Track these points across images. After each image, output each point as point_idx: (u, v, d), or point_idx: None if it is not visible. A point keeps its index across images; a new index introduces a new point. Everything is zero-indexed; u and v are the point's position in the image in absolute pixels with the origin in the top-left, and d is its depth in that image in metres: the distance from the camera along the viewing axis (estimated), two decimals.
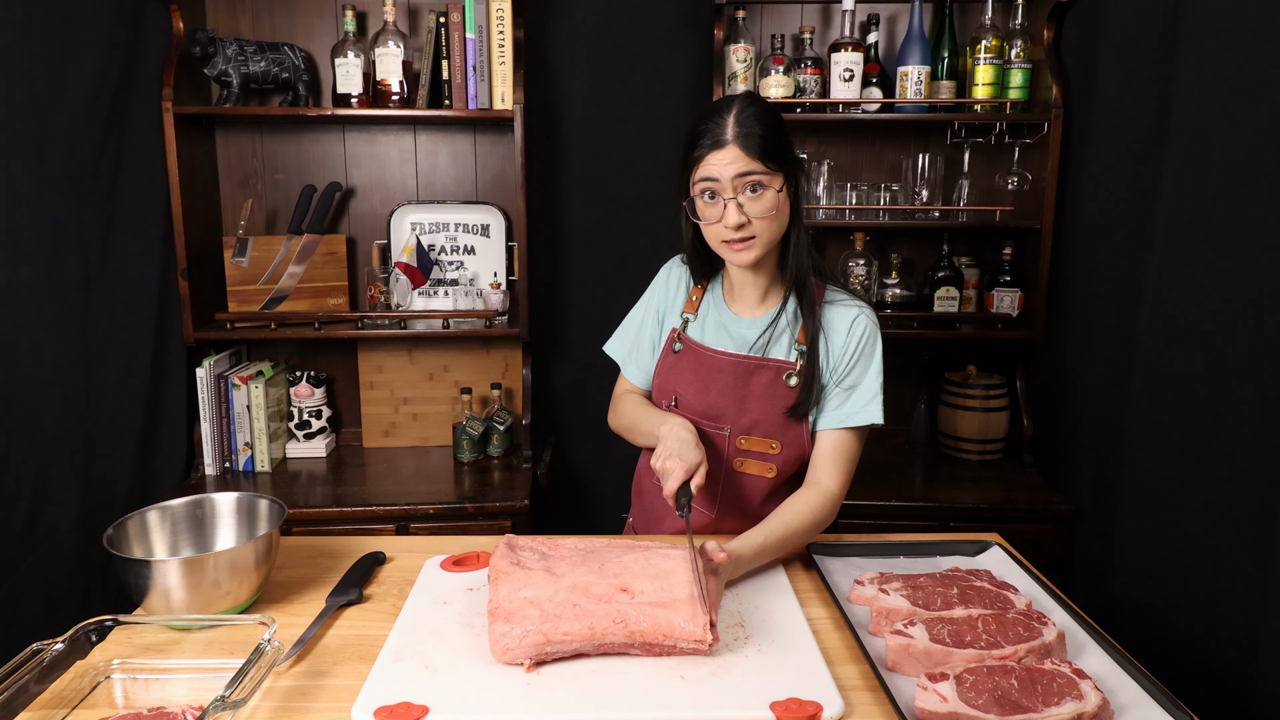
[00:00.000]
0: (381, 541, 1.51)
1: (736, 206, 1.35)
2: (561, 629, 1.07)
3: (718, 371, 1.47)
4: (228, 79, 2.26)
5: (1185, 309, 1.69)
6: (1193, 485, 1.65)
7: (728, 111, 1.35)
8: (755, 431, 1.46)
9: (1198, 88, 1.67)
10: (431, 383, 2.55)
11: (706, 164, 1.35)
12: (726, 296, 1.54)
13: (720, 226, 1.37)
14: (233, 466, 2.37)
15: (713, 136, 1.34)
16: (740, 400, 1.46)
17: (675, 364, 1.52)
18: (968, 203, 2.40)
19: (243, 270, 2.33)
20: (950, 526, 2.16)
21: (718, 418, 1.47)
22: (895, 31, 2.47)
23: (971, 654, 1.07)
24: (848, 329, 1.45)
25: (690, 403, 1.49)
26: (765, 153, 1.33)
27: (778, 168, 1.35)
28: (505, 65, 2.26)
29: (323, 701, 1.04)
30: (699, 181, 1.36)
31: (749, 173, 1.33)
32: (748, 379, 1.46)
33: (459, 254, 2.51)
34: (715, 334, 1.50)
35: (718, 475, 1.48)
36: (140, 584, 1.16)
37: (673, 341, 1.54)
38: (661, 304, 1.59)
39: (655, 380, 1.56)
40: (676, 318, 1.56)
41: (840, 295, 1.49)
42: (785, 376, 1.44)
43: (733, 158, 1.33)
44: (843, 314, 1.46)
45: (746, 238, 1.37)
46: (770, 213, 1.36)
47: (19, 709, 0.98)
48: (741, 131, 1.33)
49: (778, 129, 1.37)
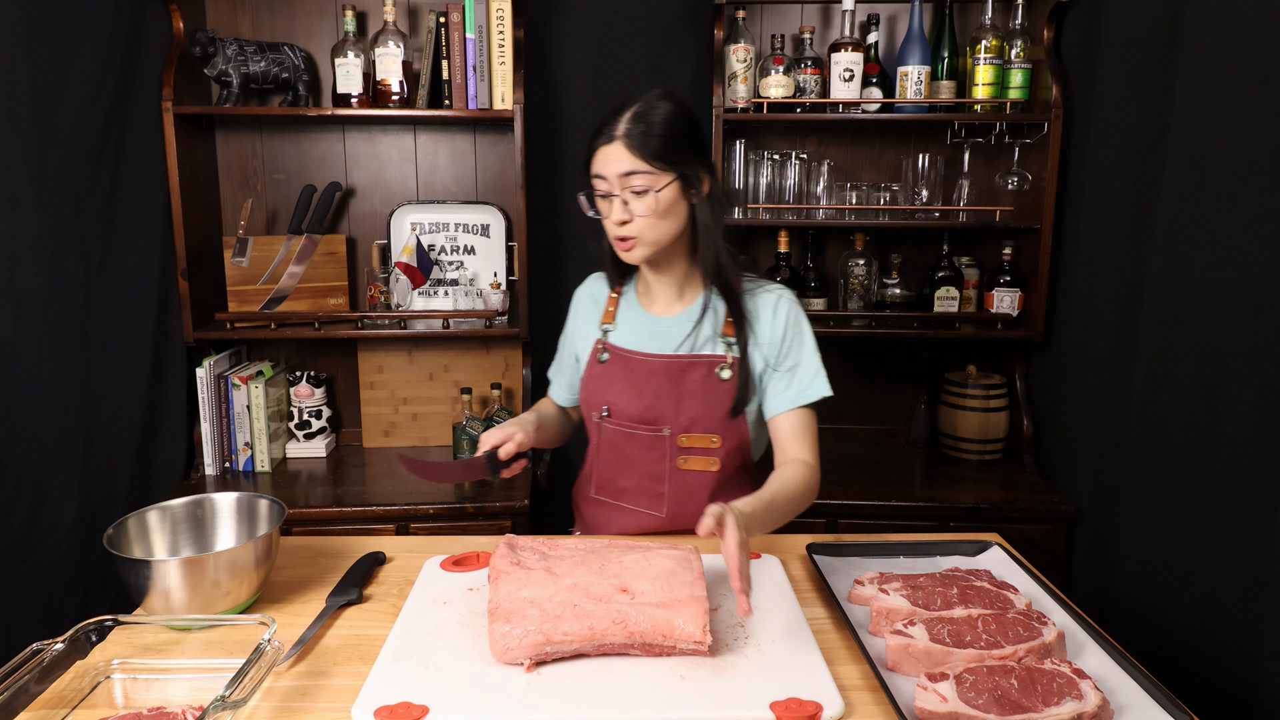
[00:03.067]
0: (381, 541, 1.51)
1: (621, 204, 1.35)
2: (561, 629, 1.07)
3: (650, 374, 1.47)
4: (228, 79, 2.26)
5: (1185, 309, 1.69)
6: (1193, 485, 1.65)
7: (628, 108, 1.36)
8: (695, 428, 1.47)
9: (1198, 88, 1.67)
10: (431, 383, 2.55)
11: (597, 159, 1.36)
12: (643, 299, 1.55)
13: (608, 223, 1.38)
14: (233, 466, 2.37)
15: (605, 131, 1.35)
16: (676, 399, 1.46)
17: (604, 374, 1.52)
18: (968, 203, 2.40)
19: (243, 270, 2.33)
20: (950, 526, 2.16)
21: (655, 420, 1.47)
22: (895, 31, 2.47)
23: (971, 654, 1.07)
24: (772, 313, 1.47)
25: (624, 409, 1.49)
26: (654, 153, 1.33)
27: (667, 168, 1.35)
28: (505, 65, 2.26)
29: (323, 701, 1.04)
30: (592, 177, 1.38)
31: (632, 172, 1.33)
32: (681, 377, 1.46)
33: (459, 254, 2.51)
34: (638, 338, 1.51)
35: (662, 476, 1.49)
36: (140, 584, 1.16)
37: (598, 352, 1.54)
38: (579, 320, 1.61)
39: (584, 394, 1.56)
40: (596, 330, 1.56)
41: (757, 282, 1.51)
42: (718, 370, 1.45)
43: (617, 155, 1.33)
44: (764, 300, 1.48)
45: (630, 236, 1.37)
46: (654, 212, 1.36)
47: (19, 709, 0.98)
48: (632, 129, 1.33)
49: (677, 128, 1.36)
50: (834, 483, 2.28)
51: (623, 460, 1.54)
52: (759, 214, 2.40)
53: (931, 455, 2.51)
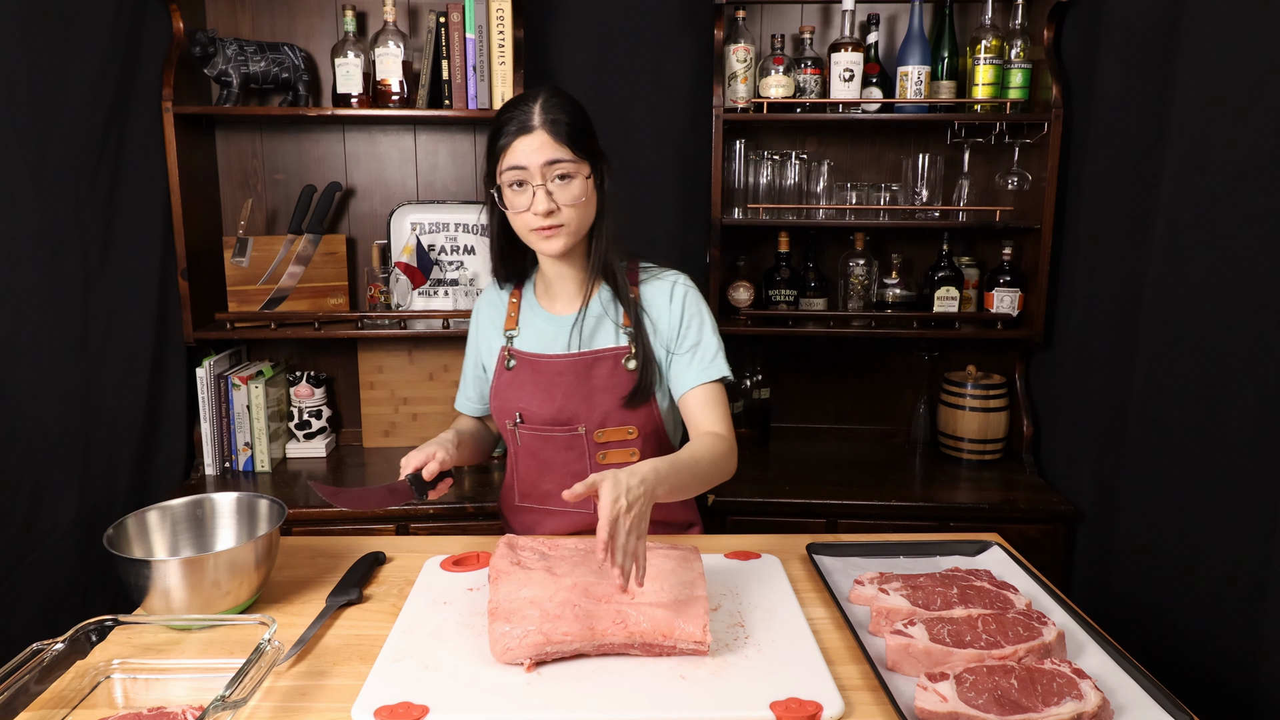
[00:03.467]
0: (381, 541, 1.51)
1: (545, 193, 1.36)
2: (561, 629, 1.07)
3: (558, 375, 1.48)
4: (228, 79, 2.26)
5: (1185, 309, 1.69)
6: (1193, 485, 1.65)
7: (534, 100, 1.37)
8: (610, 422, 1.47)
9: (1198, 88, 1.67)
10: (431, 383, 2.55)
11: (514, 151, 1.35)
12: (542, 300, 1.55)
13: (529, 215, 1.37)
14: (233, 466, 2.37)
15: (519, 123, 1.35)
16: (587, 396, 1.47)
17: (512, 380, 1.52)
18: (967, 203, 2.40)
19: (243, 270, 2.33)
20: (950, 526, 2.16)
21: (569, 420, 1.48)
22: (895, 31, 2.47)
23: (971, 654, 1.07)
24: (669, 299, 1.48)
25: (536, 413, 1.49)
26: (573, 140, 1.35)
27: (584, 156, 1.38)
28: (505, 65, 2.26)
29: (323, 701, 1.04)
30: (507, 170, 1.37)
31: (557, 160, 1.35)
32: (588, 374, 1.47)
33: (459, 254, 2.51)
34: (542, 340, 1.51)
35: (584, 474, 1.48)
36: (140, 584, 1.16)
37: (504, 360, 1.53)
38: (481, 330, 1.60)
39: (494, 402, 1.56)
40: (500, 337, 1.56)
41: (653, 269, 1.52)
42: (624, 361, 1.45)
43: (540, 143, 1.34)
44: (660, 286, 1.49)
45: (555, 225, 1.37)
46: (579, 200, 1.37)
47: (19, 709, 0.98)
48: (549, 118, 1.34)
49: (583, 119, 1.40)
50: (834, 483, 2.28)
51: (543, 464, 1.54)
52: (759, 214, 2.40)
53: (931, 455, 2.51)
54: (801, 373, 2.65)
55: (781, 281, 2.47)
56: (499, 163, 1.38)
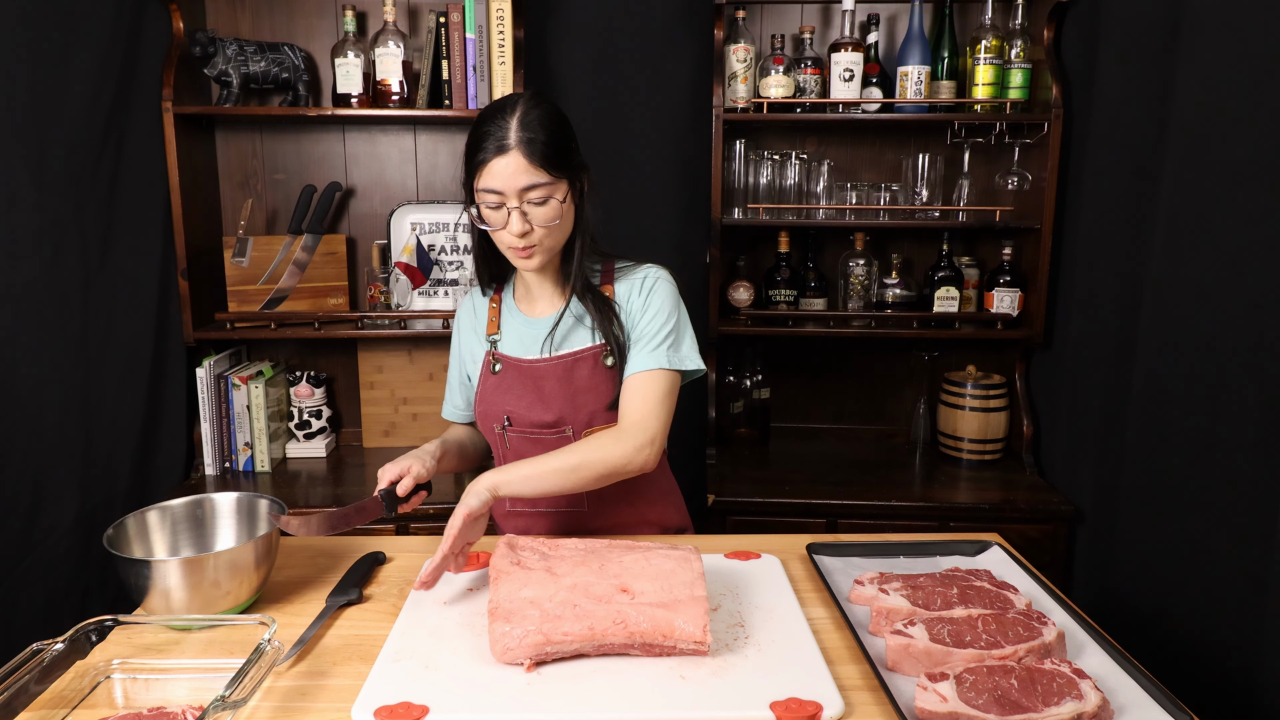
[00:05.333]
0: (381, 541, 1.51)
1: (521, 215, 1.33)
2: (561, 629, 1.07)
3: (543, 377, 1.47)
4: (228, 79, 2.26)
5: (1185, 309, 1.69)
6: (1193, 485, 1.65)
7: (510, 114, 1.32)
8: (597, 421, 1.46)
9: (1198, 88, 1.67)
10: (432, 383, 2.55)
11: (489, 172, 1.32)
12: (521, 304, 1.54)
13: (505, 234, 1.36)
14: (233, 466, 2.37)
15: (496, 141, 1.31)
16: (573, 397, 1.45)
17: (499, 384, 1.50)
18: (968, 203, 2.40)
19: (243, 270, 2.33)
20: (950, 526, 2.16)
21: (557, 423, 1.47)
22: (895, 31, 2.47)
23: (971, 654, 1.07)
24: (639, 290, 1.47)
25: (525, 416, 1.48)
26: (549, 160, 1.32)
27: (561, 174, 1.34)
28: (505, 65, 2.26)
29: (323, 701, 1.04)
30: (482, 191, 1.34)
31: (533, 185, 1.31)
32: (571, 376, 1.46)
33: (459, 254, 2.51)
34: (521, 344, 1.50)
35: None
36: (140, 584, 1.16)
37: (490, 364, 1.51)
38: (464, 337, 1.59)
39: (480, 407, 1.54)
40: (484, 343, 1.54)
41: (629, 266, 1.50)
42: (604, 359, 1.45)
43: (515, 168, 1.30)
44: (633, 282, 1.48)
45: (530, 245, 1.36)
46: (554, 222, 1.35)
47: (19, 709, 0.98)
48: (525, 137, 1.30)
49: (561, 133, 1.35)
50: (834, 483, 2.28)
51: None
52: (759, 214, 2.40)
53: (931, 455, 2.51)
54: (801, 373, 2.65)
55: (781, 281, 2.47)
56: (475, 179, 1.36)
